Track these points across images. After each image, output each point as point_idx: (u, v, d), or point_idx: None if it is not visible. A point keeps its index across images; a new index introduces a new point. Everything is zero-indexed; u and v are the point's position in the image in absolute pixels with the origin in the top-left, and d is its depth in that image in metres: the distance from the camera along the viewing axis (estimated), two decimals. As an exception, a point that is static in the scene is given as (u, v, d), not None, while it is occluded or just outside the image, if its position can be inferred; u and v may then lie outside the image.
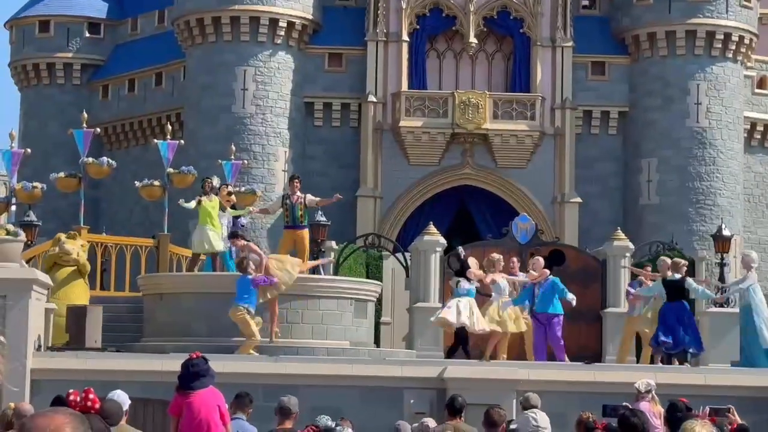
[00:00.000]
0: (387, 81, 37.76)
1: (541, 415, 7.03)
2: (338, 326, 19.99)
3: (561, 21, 37.95)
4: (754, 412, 14.47)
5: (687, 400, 9.98)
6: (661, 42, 38.11)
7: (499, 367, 16.81)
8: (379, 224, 36.87)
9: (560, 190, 37.80)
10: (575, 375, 16.70)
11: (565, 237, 36.04)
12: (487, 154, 37.82)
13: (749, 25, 38.78)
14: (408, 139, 37.48)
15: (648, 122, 38.24)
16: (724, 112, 38.18)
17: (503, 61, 39.12)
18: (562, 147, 37.98)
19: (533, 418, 6.99)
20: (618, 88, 38.81)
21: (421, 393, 16.13)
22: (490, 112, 37.45)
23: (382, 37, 37.74)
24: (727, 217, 36.78)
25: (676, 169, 37.80)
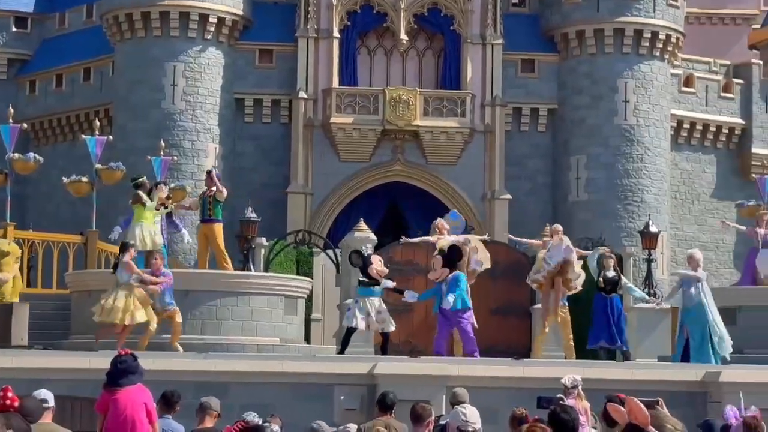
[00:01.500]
0: (318, 77, 37.72)
1: (470, 410, 7.05)
2: (268, 323, 19.94)
3: (491, 18, 38.13)
4: (682, 406, 14.62)
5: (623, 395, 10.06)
6: (590, 40, 38.43)
7: (430, 363, 16.84)
8: (309, 221, 36.84)
9: (490, 186, 37.98)
10: (505, 370, 16.76)
11: (495, 233, 36.20)
12: (417, 150, 37.91)
13: (676, 24, 39.21)
14: (339, 135, 37.47)
15: (577, 120, 38.55)
16: (651, 110, 38.58)
17: (434, 58, 39.24)
18: (492, 144, 38.16)
19: (463, 413, 7.01)
20: (547, 85, 39.07)
21: (351, 389, 16.11)
22: (421, 108, 37.54)
23: (312, 33, 37.68)
24: (654, 213, 37.16)
25: (605, 166, 38.13)
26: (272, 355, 17.89)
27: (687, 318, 19.01)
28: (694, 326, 18.93)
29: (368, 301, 18.17)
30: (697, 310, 18.94)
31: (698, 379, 16.57)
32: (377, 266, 18.26)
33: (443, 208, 34.56)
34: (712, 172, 41.18)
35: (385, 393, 10.94)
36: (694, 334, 18.92)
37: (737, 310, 20.71)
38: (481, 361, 17.83)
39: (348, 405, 15.79)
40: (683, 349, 19.02)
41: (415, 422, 9.42)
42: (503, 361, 17.79)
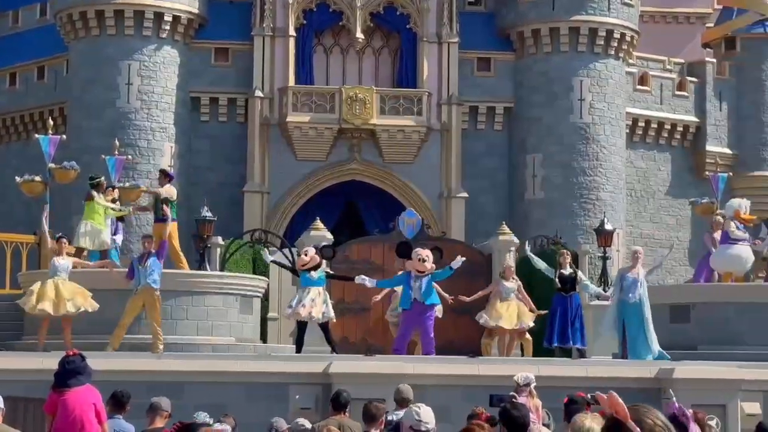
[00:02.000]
0: (274, 76, 37.62)
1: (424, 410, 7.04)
2: (224, 322, 19.89)
3: (447, 17, 38.17)
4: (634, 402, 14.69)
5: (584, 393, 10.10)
6: (545, 39, 38.55)
7: (385, 361, 16.84)
8: (266, 220, 36.75)
9: (447, 185, 38.03)
10: (460, 368, 16.79)
11: (452, 232, 36.28)
12: (374, 149, 37.91)
13: (631, 22, 39.40)
14: (295, 134, 37.39)
15: (533, 118, 38.66)
16: (606, 108, 38.75)
17: (390, 56, 39.24)
18: (448, 142, 38.21)
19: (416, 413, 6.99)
20: (503, 84, 39.16)
21: (306, 389, 16.08)
22: (377, 107, 37.53)
23: (268, 32, 37.58)
24: (610, 211, 37.34)
25: (561, 164, 38.27)
26: (227, 355, 17.84)
27: (625, 313, 19.17)
28: (630, 321, 19.08)
29: (306, 290, 18.41)
30: (634, 306, 19.09)
31: (652, 375, 16.66)
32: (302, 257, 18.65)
33: (400, 206, 34.60)
34: (666, 170, 41.42)
35: (339, 392, 10.93)
36: (631, 328, 19.06)
37: (691, 307, 20.86)
38: (436, 359, 17.87)
39: (303, 404, 15.77)
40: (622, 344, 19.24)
41: (368, 421, 9.42)
42: (458, 359, 17.83)
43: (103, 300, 18.73)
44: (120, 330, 18.00)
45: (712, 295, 20.89)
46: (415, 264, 18.08)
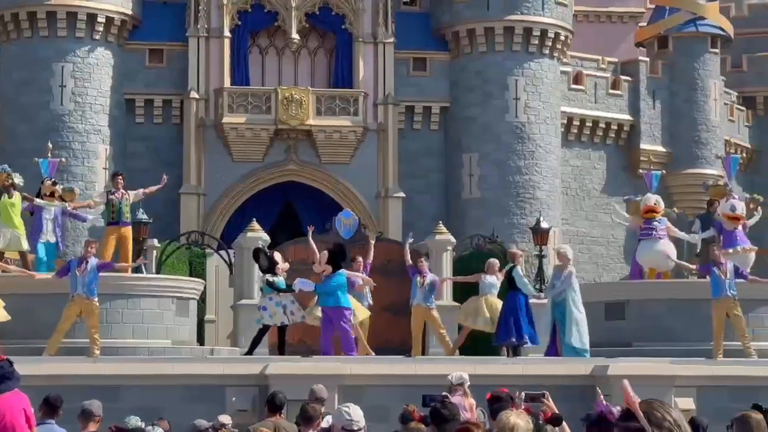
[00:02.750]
0: (209, 77, 37.48)
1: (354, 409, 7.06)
2: (160, 325, 19.78)
3: (382, 17, 38.23)
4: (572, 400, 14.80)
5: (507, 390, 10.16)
6: (480, 38, 38.73)
7: (322, 362, 16.84)
8: (203, 221, 36.60)
9: (384, 185, 38.09)
10: (396, 368, 16.84)
11: (389, 232, 36.35)
12: (310, 149, 37.88)
13: (565, 22, 39.69)
14: (231, 135, 37.28)
15: (468, 117, 38.81)
16: (541, 108, 39.00)
17: (326, 57, 39.23)
18: (385, 142, 38.27)
19: (347, 413, 7.01)
20: (439, 83, 39.29)
21: (243, 390, 16.06)
22: (313, 108, 37.51)
23: (203, 32, 37.42)
24: (546, 210, 37.58)
25: (497, 163, 38.45)
26: (163, 358, 17.75)
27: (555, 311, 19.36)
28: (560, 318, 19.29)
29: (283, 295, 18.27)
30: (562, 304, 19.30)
31: (587, 372, 16.80)
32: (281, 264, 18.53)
33: (337, 207, 34.59)
34: (602, 168, 41.76)
35: (274, 393, 10.93)
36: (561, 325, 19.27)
37: (625, 304, 21.05)
38: (373, 359, 17.91)
39: (240, 406, 15.75)
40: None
41: (305, 423, 9.42)
42: (395, 359, 17.88)
43: (32, 304, 18.58)
44: (57, 335, 17.85)
45: (646, 292, 21.09)
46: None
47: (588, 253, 40.78)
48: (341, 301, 17.64)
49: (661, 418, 4.19)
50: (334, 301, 17.64)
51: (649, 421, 4.16)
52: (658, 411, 4.21)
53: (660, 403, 4.25)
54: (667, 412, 4.23)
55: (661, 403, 4.25)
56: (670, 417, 4.21)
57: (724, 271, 19.46)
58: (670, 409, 4.25)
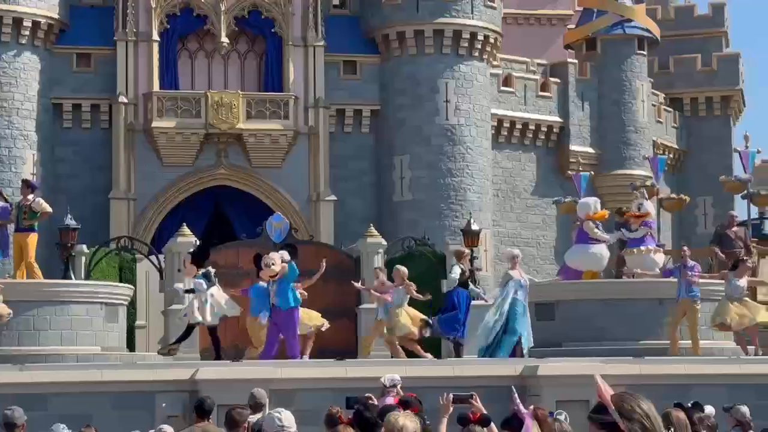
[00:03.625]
0: (138, 81, 37.20)
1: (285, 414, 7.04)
2: (88, 332, 19.61)
3: (312, 20, 38.18)
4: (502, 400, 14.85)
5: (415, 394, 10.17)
6: (410, 41, 38.81)
7: (253, 366, 16.77)
8: (133, 227, 36.32)
9: (315, 188, 38.04)
10: (328, 371, 16.80)
11: (321, 235, 36.32)
12: (241, 154, 37.73)
13: (494, 24, 39.88)
14: (161, 140, 37.03)
15: (399, 120, 38.88)
16: (472, 110, 39.16)
17: (256, 60, 39.10)
18: (316, 146, 38.22)
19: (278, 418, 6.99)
20: (370, 86, 39.31)
21: (173, 396, 15.94)
22: (244, 112, 37.37)
23: (131, 36, 37.15)
24: (477, 211, 37.73)
25: (428, 165, 38.55)
26: (91, 365, 17.58)
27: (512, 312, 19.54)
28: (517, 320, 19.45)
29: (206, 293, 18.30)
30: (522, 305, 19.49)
31: (516, 373, 16.88)
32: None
33: (268, 211, 34.47)
34: (532, 170, 42.02)
35: (202, 399, 10.87)
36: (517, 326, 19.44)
37: (555, 305, 21.19)
38: (305, 362, 17.86)
39: (170, 412, 15.63)
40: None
41: (231, 428, 9.37)
42: (326, 362, 17.84)
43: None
44: None
45: (576, 293, 21.24)
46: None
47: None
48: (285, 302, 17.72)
49: (631, 410, 4.27)
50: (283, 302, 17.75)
51: (620, 414, 4.25)
52: (629, 403, 4.29)
53: (631, 395, 4.32)
54: (637, 404, 4.30)
55: (631, 395, 4.32)
56: (640, 409, 4.29)
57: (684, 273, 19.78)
58: (641, 401, 4.32)
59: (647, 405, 4.32)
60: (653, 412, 4.31)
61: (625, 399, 4.32)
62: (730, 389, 16.59)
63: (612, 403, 4.30)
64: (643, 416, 4.29)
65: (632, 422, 4.27)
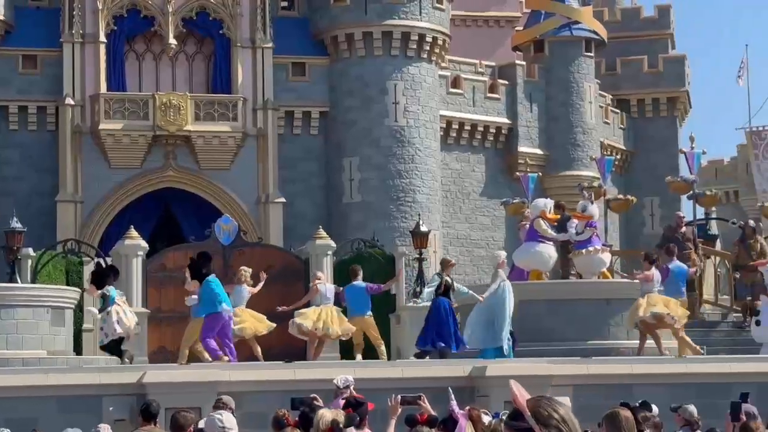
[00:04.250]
0: (85, 83, 36.94)
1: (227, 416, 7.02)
2: (34, 335, 19.46)
3: (260, 22, 38.08)
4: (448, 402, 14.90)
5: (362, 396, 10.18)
6: (359, 43, 38.81)
7: (200, 369, 16.71)
8: (80, 229, 36.05)
9: (264, 190, 37.94)
10: (276, 374, 16.77)
11: (270, 237, 36.23)
12: (189, 156, 37.56)
13: (442, 26, 39.96)
14: (108, 142, 36.79)
15: (348, 122, 38.87)
16: (421, 111, 39.22)
17: (204, 62, 38.94)
18: (264, 148, 38.12)
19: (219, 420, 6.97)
20: (318, 88, 39.27)
21: (120, 399, 15.85)
22: (192, 113, 37.20)
23: (78, 38, 36.88)
24: (426, 213, 37.78)
25: (377, 167, 38.57)
26: (37, 368, 17.44)
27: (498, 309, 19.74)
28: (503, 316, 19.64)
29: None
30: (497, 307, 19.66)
31: (466, 374, 16.92)
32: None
33: (217, 213, 34.39)
34: (481, 171, 42.13)
35: (148, 403, 10.81)
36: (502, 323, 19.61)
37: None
38: (252, 365, 17.83)
39: (117, 415, 15.53)
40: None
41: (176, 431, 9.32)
42: (275, 365, 17.80)
43: None
44: None
45: (525, 294, 21.30)
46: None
47: (468, 255, 41.11)
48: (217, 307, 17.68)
49: (548, 416, 4.15)
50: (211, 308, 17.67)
51: (537, 420, 4.13)
52: (545, 409, 4.17)
53: (547, 400, 4.21)
54: (554, 409, 4.18)
55: (548, 401, 4.21)
56: (557, 414, 4.17)
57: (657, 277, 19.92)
58: (557, 406, 4.20)
59: (564, 410, 4.20)
60: (570, 416, 4.17)
61: (542, 404, 4.20)
62: (673, 389, 16.71)
63: (528, 408, 4.18)
64: (560, 421, 4.17)
65: (549, 428, 4.15)
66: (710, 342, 21.63)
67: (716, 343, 22.02)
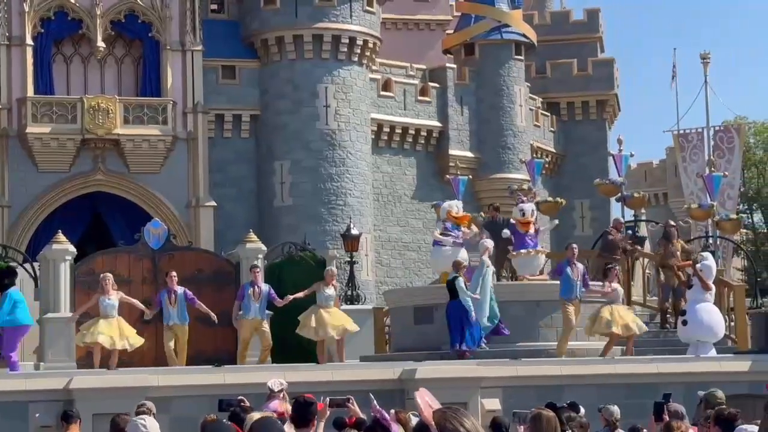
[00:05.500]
0: (11, 86, 36.53)
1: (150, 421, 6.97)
2: (-40, 341, 19.18)
3: (190, 25, 37.89)
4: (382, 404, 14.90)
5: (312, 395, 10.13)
6: (290, 46, 38.74)
7: (128, 374, 16.58)
8: (7, 234, 35.65)
9: (194, 193, 37.75)
10: (206, 378, 16.68)
11: (201, 241, 36.02)
12: (119, 159, 37.28)
13: (373, 29, 40.00)
14: (36, 145, 36.40)
15: (279, 125, 38.78)
16: (352, 114, 39.22)
17: (133, 65, 38.67)
18: (195, 151, 37.93)
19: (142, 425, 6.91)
20: (249, 91, 39.15)
21: (47, 405, 15.68)
22: (121, 117, 36.92)
23: (4, 40, 36.46)
24: (358, 216, 37.79)
25: (308, 170, 38.51)
26: (-38, 376, 17.21)
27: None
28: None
29: None
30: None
31: (396, 377, 16.94)
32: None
33: (147, 216, 34.10)
34: (412, 174, 42.22)
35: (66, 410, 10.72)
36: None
37: (434, 308, 21.27)
38: (182, 370, 17.71)
39: (44, 422, 15.37)
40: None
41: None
42: (204, 369, 17.71)
43: None
44: None
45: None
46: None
47: (400, 258, 41.18)
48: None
49: (454, 430, 4.05)
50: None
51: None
52: (451, 422, 4.06)
53: (453, 412, 4.09)
54: (460, 422, 4.06)
55: (454, 413, 4.09)
56: (463, 428, 4.06)
57: (576, 272, 19.93)
58: (463, 419, 4.09)
59: (471, 422, 4.08)
60: (477, 429, 4.11)
61: (448, 417, 4.08)
62: (601, 389, 16.84)
63: (434, 421, 4.09)
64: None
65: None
66: (638, 343, 21.77)
67: (644, 343, 22.18)
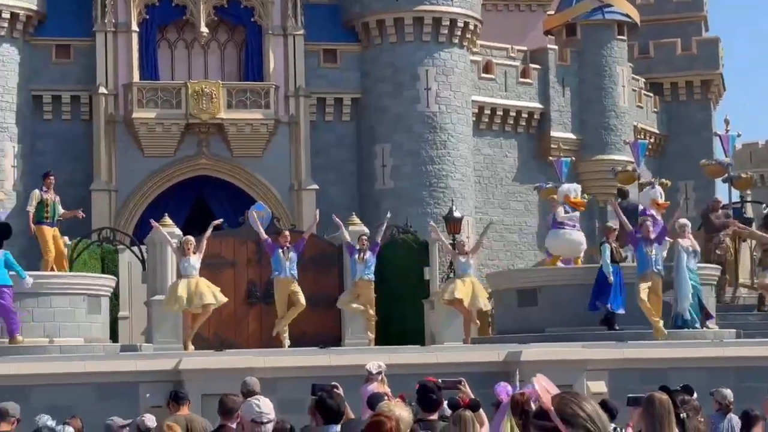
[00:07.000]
0: (118, 72, 37.09)
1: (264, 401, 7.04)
2: (71, 323, 19.58)
3: (291, 9, 38.12)
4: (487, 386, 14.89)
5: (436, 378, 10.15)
6: (390, 29, 38.79)
7: (234, 356, 16.79)
8: (114, 218, 36.25)
9: (297, 177, 38.02)
10: (311, 360, 16.83)
11: (303, 224, 36.22)
12: (222, 143, 37.68)
13: (473, 11, 39.88)
14: (141, 130, 36.95)
15: (380, 108, 38.87)
16: (452, 97, 39.16)
17: (236, 50, 39.03)
18: (297, 135, 38.19)
19: (256, 405, 7.00)
20: (350, 75, 39.29)
21: (157, 386, 15.94)
22: (224, 101, 37.30)
23: (110, 27, 37.03)
24: (459, 198, 37.76)
25: (409, 153, 38.56)
26: (74, 356, 17.57)
27: None
28: None
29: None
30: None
31: (501, 359, 16.92)
32: None
33: (250, 200, 34.44)
34: (513, 156, 42.06)
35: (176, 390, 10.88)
36: None
37: (537, 290, 21.22)
38: (288, 351, 17.88)
39: (154, 402, 15.61)
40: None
41: (225, 415, 9.39)
42: (310, 351, 17.86)
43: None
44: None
45: (558, 278, 21.29)
46: None
47: (501, 240, 41.07)
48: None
49: (574, 414, 3.96)
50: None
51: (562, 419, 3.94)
52: (570, 407, 3.97)
53: (572, 396, 4.01)
54: (580, 406, 3.97)
55: (573, 397, 4.01)
56: (583, 412, 3.97)
57: (650, 249, 19.70)
58: (583, 403, 4.00)
59: (591, 407, 3.99)
60: (598, 413, 3.96)
61: (567, 402, 3.98)
62: (710, 372, 16.66)
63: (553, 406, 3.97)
64: (587, 419, 3.96)
65: (575, 427, 3.94)
66: (747, 326, 21.50)
67: (752, 326, 21.90)
